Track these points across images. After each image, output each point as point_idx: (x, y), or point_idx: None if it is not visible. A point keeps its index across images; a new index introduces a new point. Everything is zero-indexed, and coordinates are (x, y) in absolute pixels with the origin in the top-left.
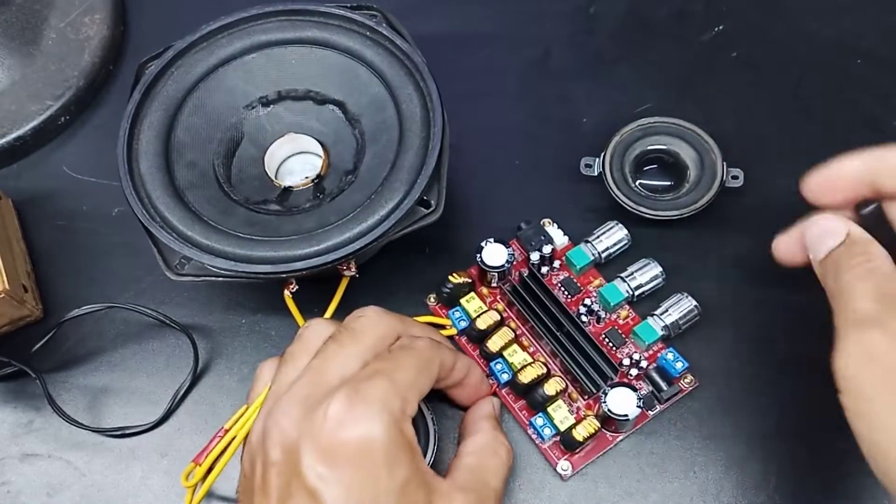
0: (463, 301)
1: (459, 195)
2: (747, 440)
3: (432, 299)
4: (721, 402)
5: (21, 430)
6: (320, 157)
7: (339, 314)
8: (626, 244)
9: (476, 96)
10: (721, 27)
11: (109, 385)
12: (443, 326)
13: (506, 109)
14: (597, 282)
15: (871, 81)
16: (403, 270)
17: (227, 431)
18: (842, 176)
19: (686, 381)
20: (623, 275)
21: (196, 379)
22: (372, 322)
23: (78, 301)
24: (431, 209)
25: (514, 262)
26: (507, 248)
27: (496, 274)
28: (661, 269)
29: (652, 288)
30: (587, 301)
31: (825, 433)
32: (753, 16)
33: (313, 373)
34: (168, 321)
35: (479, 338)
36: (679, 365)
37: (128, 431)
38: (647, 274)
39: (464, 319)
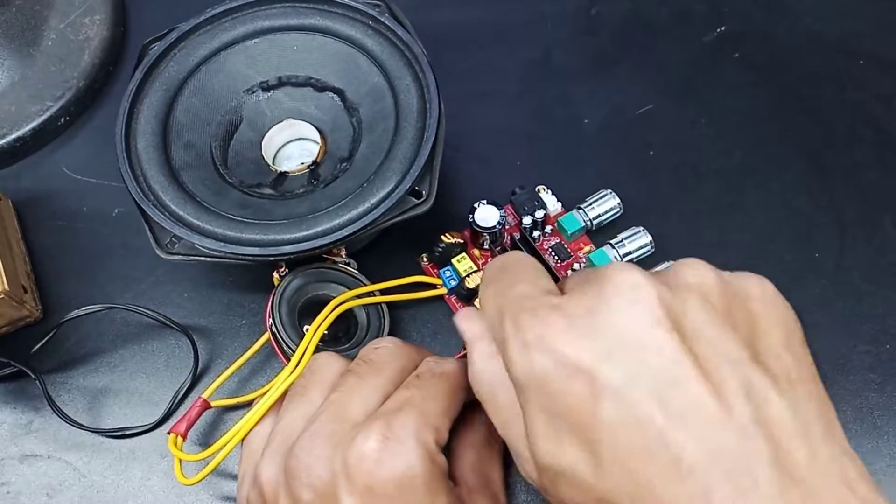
0: (454, 261)
1: (459, 194)
2: None
3: (425, 258)
4: None
5: (20, 431)
6: (317, 143)
7: None
8: (617, 212)
9: (476, 96)
10: (723, 28)
11: (109, 386)
12: (433, 286)
13: (506, 110)
14: (587, 248)
15: (874, 82)
16: (398, 261)
17: (204, 401)
18: None
19: None
20: (613, 242)
21: (196, 380)
22: (391, 353)
23: (78, 301)
24: (422, 199)
25: (507, 227)
26: (500, 210)
27: (488, 236)
28: (650, 237)
29: (640, 256)
30: (576, 266)
31: None
32: (756, 17)
33: (335, 407)
34: (168, 322)
35: (467, 296)
36: None
37: (128, 432)
38: (636, 242)
39: (454, 278)
